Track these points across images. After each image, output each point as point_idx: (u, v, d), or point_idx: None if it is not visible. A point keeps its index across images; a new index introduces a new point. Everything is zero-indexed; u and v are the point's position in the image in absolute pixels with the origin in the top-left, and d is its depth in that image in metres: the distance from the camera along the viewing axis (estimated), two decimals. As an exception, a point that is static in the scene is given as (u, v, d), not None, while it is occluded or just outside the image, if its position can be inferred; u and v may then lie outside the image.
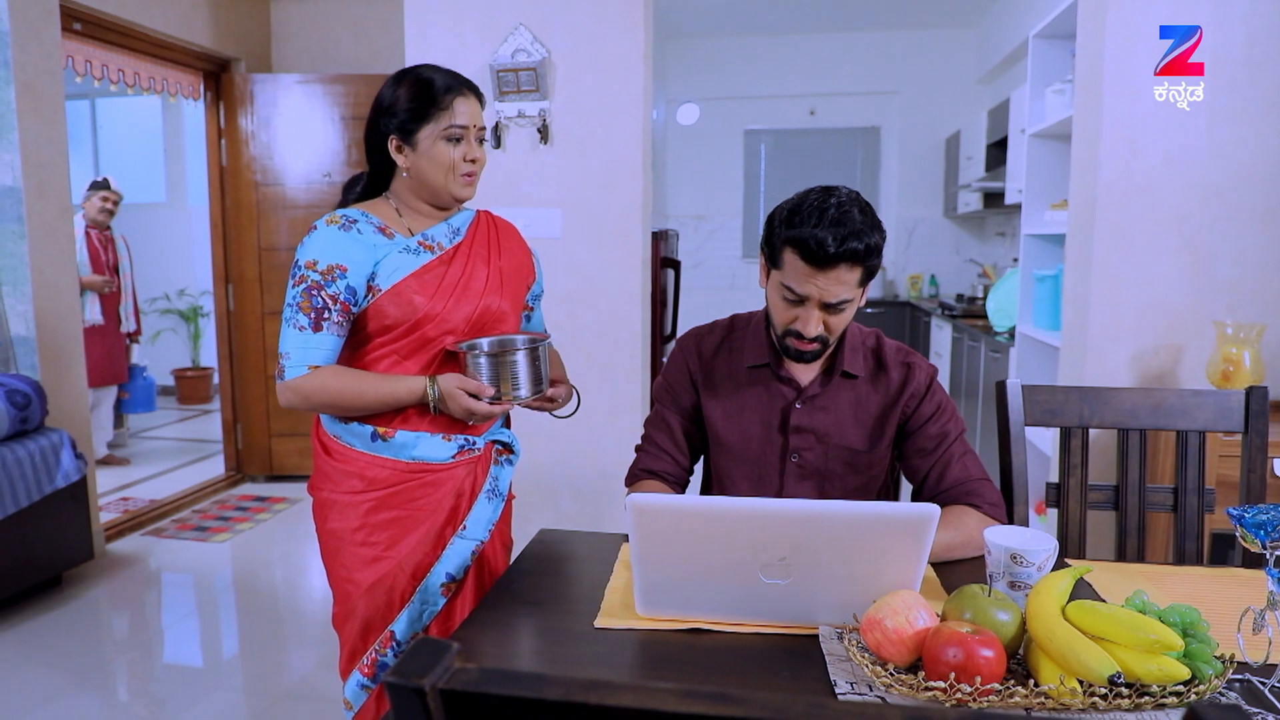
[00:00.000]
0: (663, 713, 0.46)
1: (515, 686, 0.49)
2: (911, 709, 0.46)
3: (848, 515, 0.99)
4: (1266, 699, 0.95)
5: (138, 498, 4.25)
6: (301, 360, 1.45)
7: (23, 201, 3.10)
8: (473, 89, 1.55)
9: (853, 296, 1.37)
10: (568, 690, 0.48)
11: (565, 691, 0.48)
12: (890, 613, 0.98)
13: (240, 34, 4.32)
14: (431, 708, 0.49)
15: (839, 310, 1.37)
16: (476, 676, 0.49)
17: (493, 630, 1.14)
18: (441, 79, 1.51)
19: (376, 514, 1.54)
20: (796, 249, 1.33)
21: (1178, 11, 2.37)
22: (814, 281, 1.33)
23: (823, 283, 1.33)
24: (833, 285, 1.33)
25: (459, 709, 0.49)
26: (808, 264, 1.32)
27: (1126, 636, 0.91)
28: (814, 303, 1.35)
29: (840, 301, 1.35)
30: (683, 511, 1.02)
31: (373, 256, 1.48)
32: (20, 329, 3.18)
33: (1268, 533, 0.97)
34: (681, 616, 1.12)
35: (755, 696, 0.47)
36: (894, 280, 7.13)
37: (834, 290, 1.34)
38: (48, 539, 3.05)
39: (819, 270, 1.32)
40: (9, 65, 3.02)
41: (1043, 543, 1.12)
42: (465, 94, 1.52)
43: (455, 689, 0.49)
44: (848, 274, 1.33)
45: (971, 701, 0.90)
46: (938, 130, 6.78)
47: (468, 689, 0.49)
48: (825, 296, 1.34)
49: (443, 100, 1.49)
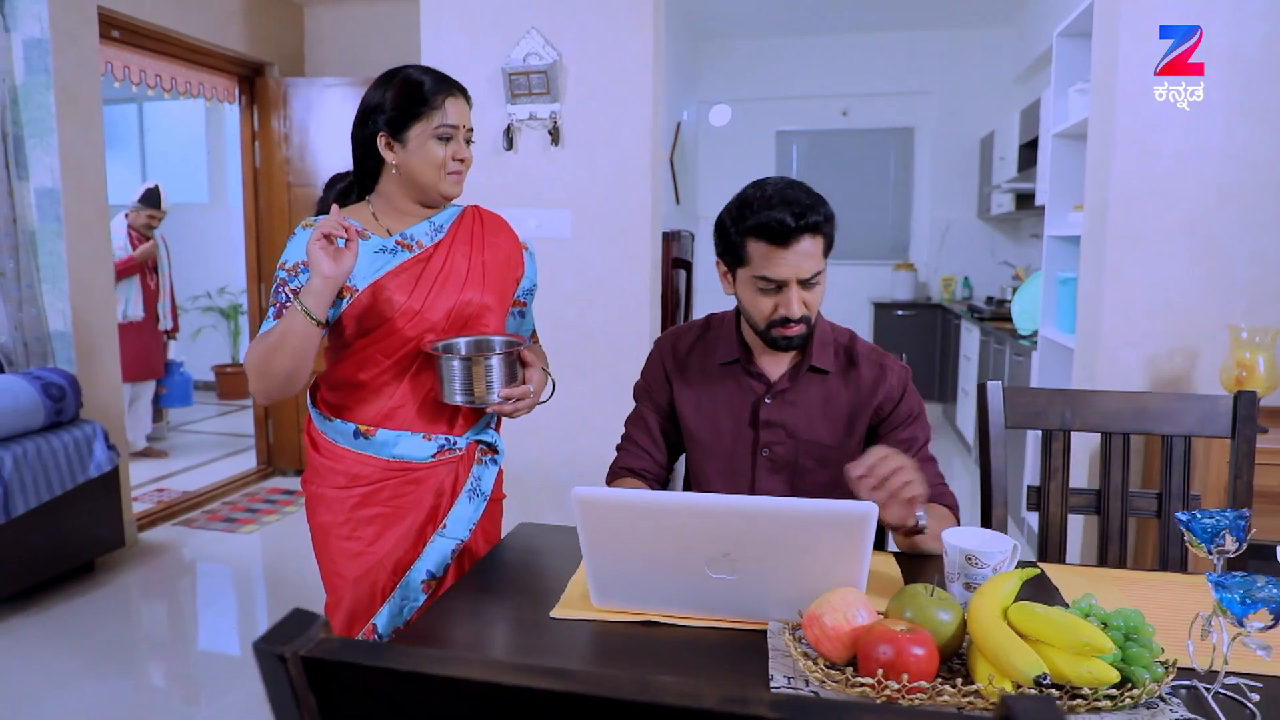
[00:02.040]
0: (500, 685, 0.49)
1: (370, 657, 0.52)
2: (778, 698, 0.48)
3: (786, 512, 1.00)
4: (1208, 706, 0.94)
5: (172, 489, 4.39)
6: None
7: (61, 202, 3.23)
8: (462, 90, 1.58)
9: (821, 268, 1.42)
10: (418, 662, 0.51)
11: (416, 663, 0.51)
12: (830, 610, 0.99)
13: (274, 39, 4.43)
14: (293, 674, 0.52)
15: (814, 285, 1.41)
16: (336, 647, 0.52)
17: (453, 617, 1.18)
18: (431, 79, 1.54)
19: (360, 510, 1.57)
20: (760, 236, 1.37)
21: (1189, 10, 2.32)
22: (785, 261, 1.37)
23: (793, 259, 1.37)
24: (803, 260, 1.38)
25: (318, 676, 0.52)
26: (774, 245, 1.37)
27: (1059, 639, 0.91)
28: (791, 283, 1.38)
29: (814, 275, 1.40)
30: (626, 505, 1.04)
31: None
32: (58, 324, 3.31)
33: (1212, 537, 0.96)
34: (635, 609, 1.14)
35: (592, 674, 0.49)
36: (926, 282, 7.04)
37: (805, 265, 1.38)
38: (80, 526, 3.17)
39: (786, 248, 1.36)
40: (49, 72, 3.15)
41: (999, 544, 1.12)
42: (455, 94, 1.55)
43: (315, 657, 0.52)
44: (812, 245, 1.38)
45: (900, 698, 0.90)
46: (973, 130, 6.68)
47: (326, 657, 0.52)
48: (799, 273, 1.38)
49: (434, 100, 1.52)
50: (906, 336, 6.67)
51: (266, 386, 1.48)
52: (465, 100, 1.58)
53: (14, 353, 3.22)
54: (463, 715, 0.52)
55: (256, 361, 1.45)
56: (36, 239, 3.25)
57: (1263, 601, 0.86)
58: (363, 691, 0.53)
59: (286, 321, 1.43)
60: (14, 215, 3.18)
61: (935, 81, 6.81)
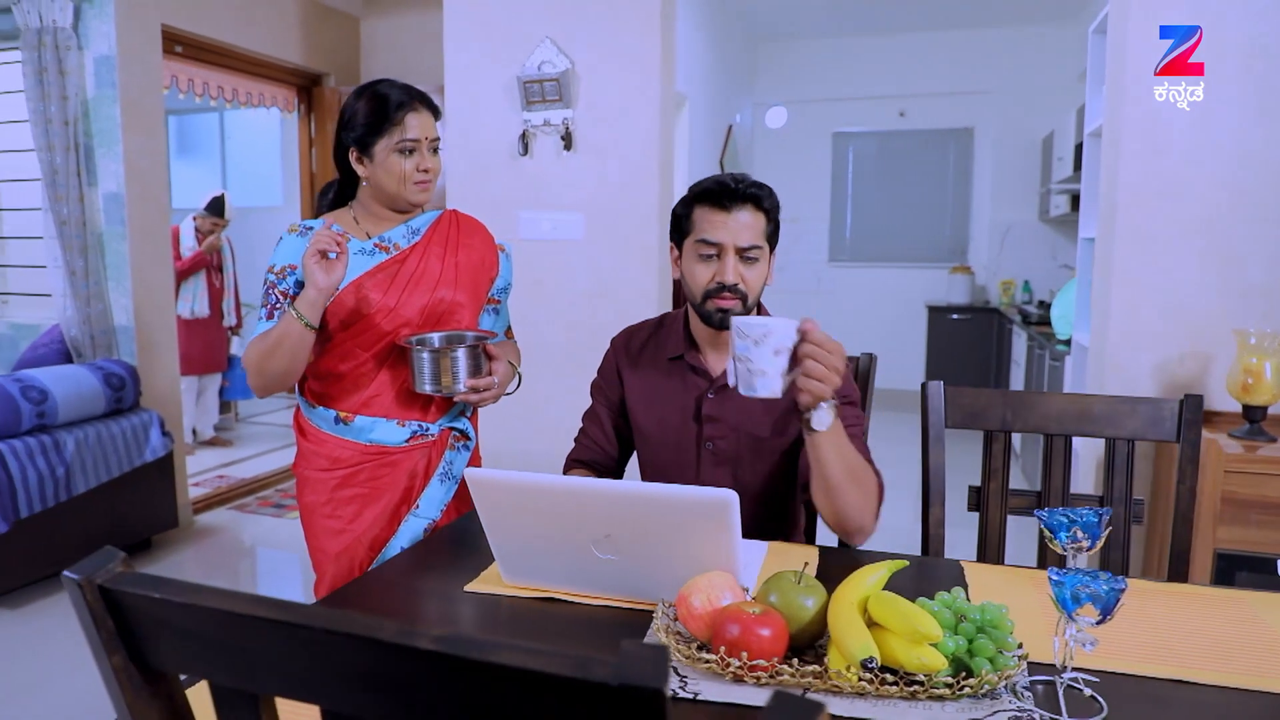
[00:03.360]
0: (236, 613, 0.58)
1: (148, 587, 0.61)
2: (443, 635, 0.55)
3: (650, 497, 1.06)
4: (1059, 700, 0.96)
5: (232, 475, 4.67)
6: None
7: (125, 206, 3.49)
8: (425, 102, 1.68)
9: (762, 245, 1.45)
10: (184, 593, 0.60)
11: (183, 594, 0.60)
12: (697, 591, 1.05)
13: (330, 50, 4.67)
14: (90, 599, 0.62)
15: (751, 261, 1.45)
16: (125, 578, 0.62)
17: (380, 585, 1.28)
18: (396, 94, 1.65)
19: (341, 490, 1.70)
20: (705, 201, 1.45)
21: (1205, 7, 2.26)
22: (725, 225, 1.43)
23: (732, 225, 1.43)
24: (741, 228, 1.43)
25: (112, 602, 0.62)
26: (716, 208, 1.43)
27: (897, 626, 0.94)
28: (729, 248, 1.43)
29: (750, 247, 1.44)
30: (514, 487, 1.11)
31: None
32: (122, 319, 3.58)
33: (1068, 534, 0.97)
34: (540, 586, 1.22)
35: (305, 607, 0.57)
36: (985, 286, 6.89)
37: (743, 233, 1.43)
38: (137, 506, 3.42)
39: (727, 211, 1.43)
40: (115, 86, 3.41)
41: (768, 322, 1.20)
42: (417, 108, 1.65)
43: (107, 586, 0.62)
44: (752, 218, 1.44)
45: (744, 675, 0.95)
46: (1035, 130, 6.50)
47: (114, 586, 0.61)
48: (737, 239, 1.43)
49: (395, 115, 1.63)
50: (960, 341, 6.54)
51: (265, 383, 1.62)
52: (429, 112, 1.67)
53: (82, 344, 3.49)
54: (217, 634, 0.61)
55: (255, 361, 1.59)
56: (104, 240, 3.53)
57: (1089, 597, 0.87)
58: (147, 616, 0.63)
59: (283, 326, 1.56)
60: (84, 218, 3.45)
61: (995, 80, 6.65)
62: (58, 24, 3.33)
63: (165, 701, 0.67)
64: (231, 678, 0.62)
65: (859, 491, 1.32)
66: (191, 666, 0.64)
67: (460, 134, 3.08)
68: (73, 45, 3.36)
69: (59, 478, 3.05)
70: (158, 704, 0.67)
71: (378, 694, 0.56)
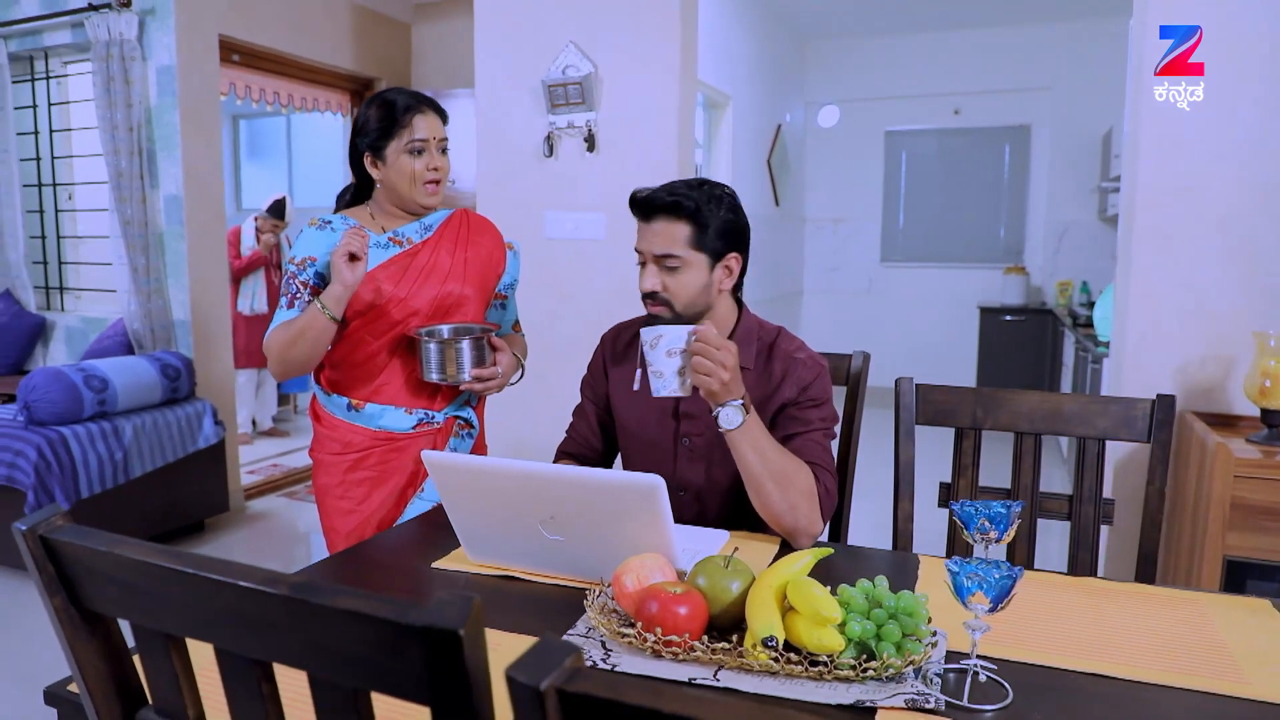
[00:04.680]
0: (147, 562, 0.67)
1: (80, 538, 0.70)
2: (298, 581, 0.63)
3: (583, 480, 1.12)
4: (966, 686, 0.99)
5: (285, 465, 4.89)
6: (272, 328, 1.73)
7: (183, 208, 3.71)
8: (431, 105, 1.77)
9: (683, 254, 1.45)
10: (110, 543, 0.69)
11: (108, 544, 0.69)
12: (629, 571, 1.11)
13: (381, 55, 4.85)
14: (31, 547, 0.72)
15: (671, 269, 1.47)
16: (62, 529, 0.71)
17: (351, 557, 1.38)
18: (403, 99, 1.75)
19: (352, 473, 1.81)
20: (632, 209, 1.50)
21: (1225, 4, 2.21)
22: (643, 235, 1.49)
23: (649, 236, 1.47)
24: (657, 239, 1.46)
25: (50, 551, 0.72)
26: (638, 219, 1.49)
27: (802, 608, 0.99)
28: (648, 256, 1.48)
29: (665, 254, 1.45)
30: (466, 469, 1.19)
31: None
32: (180, 314, 3.80)
33: (975, 525, 1.00)
34: (500, 564, 1.29)
35: (196, 556, 0.65)
36: (1040, 287, 6.73)
37: (657, 242, 1.46)
38: (190, 490, 3.63)
39: (645, 223, 1.48)
40: (175, 94, 3.63)
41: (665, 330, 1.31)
42: (424, 110, 1.75)
43: (44, 535, 0.71)
44: (669, 226, 1.45)
45: (660, 649, 1.01)
46: (1093, 127, 6.32)
47: (52, 536, 0.71)
48: (652, 247, 1.47)
49: (403, 118, 1.73)
50: (1012, 343, 6.41)
51: (285, 369, 1.73)
52: (435, 114, 1.77)
53: (143, 337, 3.72)
54: (132, 580, 0.70)
55: (278, 348, 1.70)
56: (164, 240, 3.75)
57: (978, 584, 0.90)
58: (79, 563, 0.72)
59: (308, 317, 1.67)
60: (145, 219, 3.68)
61: (1053, 76, 6.50)
62: (124, 36, 3.55)
63: (103, 641, 0.77)
64: (146, 619, 0.72)
65: (780, 492, 1.36)
66: (117, 608, 0.74)
67: (489, 136, 3.19)
68: (137, 56, 3.59)
69: (117, 461, 3.27)
70: (95, 642, 0.77)
71: (253, 632, 0.65)
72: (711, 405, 1.35)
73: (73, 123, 4.22)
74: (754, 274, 6.06)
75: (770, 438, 1.38)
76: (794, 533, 1.39)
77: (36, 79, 4.17)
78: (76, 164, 4.24)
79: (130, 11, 3.56)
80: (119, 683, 0.78)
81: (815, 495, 1.39)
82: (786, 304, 7.18)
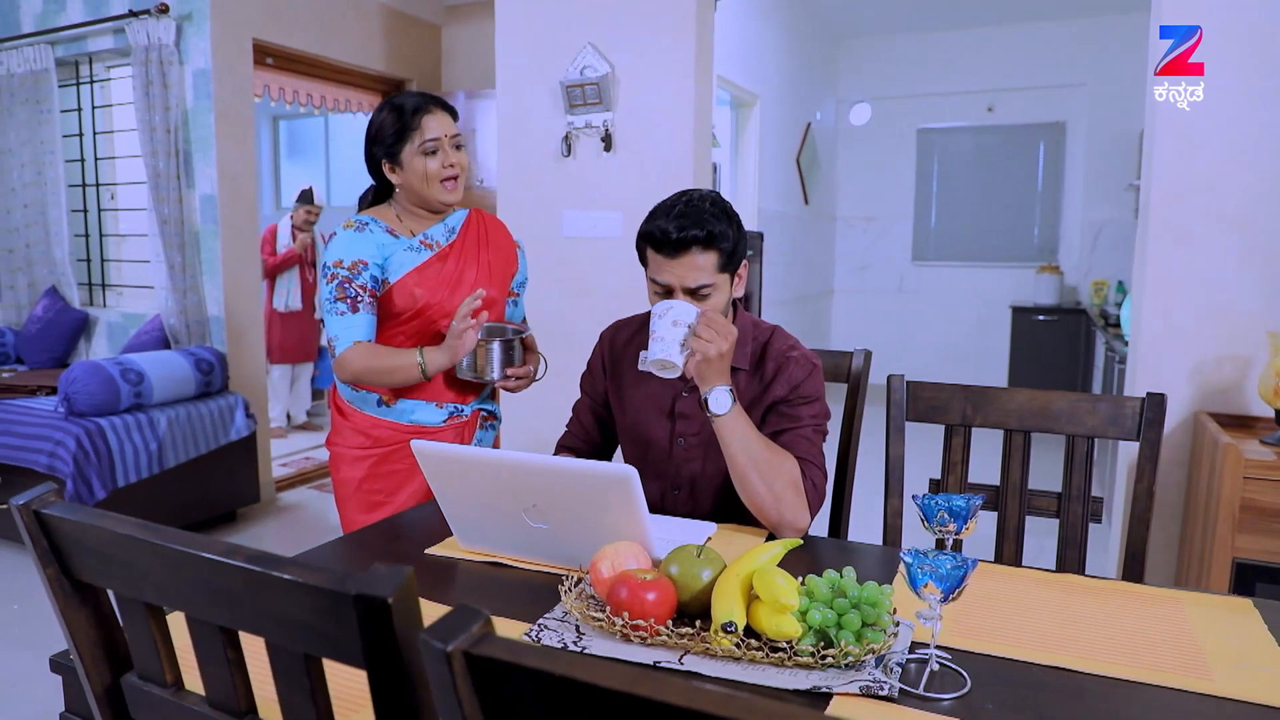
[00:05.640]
0: (127, 535, 0.72)
1: (71, 513, 0.76)
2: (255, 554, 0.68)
3: (559, 470, 1.16)
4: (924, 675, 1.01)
5: (317, 458, 5.01)
6: (349, 337, 1.73)
7: (218, 207, 3.83)
8: (439, 103, 1.81)
9: (713, 281, 1.46)
10: (96, 518, 0.75)
11: (94, 518, 0.75)
12: (605, 558, 1.15)
13: (412, 57, 4.94)
14: (26, 521, 0.78)
15: (703, 296, 1.47)
16: (54, 504, 0.77)
17: (349, 541, 1.43)
18: (411, 101, 1.80)
19: (380, 467, 1.87)
20: (649, 243, 1.47)
21: (1234, 2, 2.18)
22: (670, 269, 1.46)
23: (678, 270, 1.45)
24: (688, 271, 1.44)
25: (43, 526, 0.78)
26: (660, 254, 1.46)
27: (763, 595, 1.02)
28: (677, 289, 1.47)
29: (700, 286, 1.46)
30: (452, 458, 1.24)
31: (382, 252, 1.80)
32: (214, 310, 3.92)
33: (934, 518, 1.02)
34: (489, 551, 1.34)
35: (166, 530, 0.71)
36: (1075, 286, 6.63)
37: (690, 275, 1.44)
38: (222, 481, 3.75)
39: (670, 258, 1.45)
40: (210, 97, 3.75)
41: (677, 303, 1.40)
42: (432, 110, 1.80)
43: (37, 510, 0.77)
44: (700, 259, 1.44)
45: (629, 634, 1.05)
46: (1130, 124, 6.20)
47: (44, 510, 0.77)
48: (683, 282, 1.45)
49: (413, 120, 1.78)
50: (1045, 342, 6.32)
51: (354, 382, 1.82)
52: (444, 111, 1.81)
53: (179, 332, 3.85)
54: (112, 552, 0.75)
55: (362, 370, 1.74)
56: (199, 238, 3.88)
57: (929, 575, 0.93)
58: (68, 537, 0.78)
59: (404, 362, 1.73)
60: (182, 218, 3.81)
61: (1089, 73, 6.39)
62: (162, 41, 3.68)
63: (92, 610, 0.83)
64: (127, 589, 0.77)
65: (765, 483, 1.38)
66: (102, 578, 0.80)
67: (510, 136, 3.25)
68: (174, 60, 3.71)
69: (152, 452, 3.39)
70: (85, 611, 0.83)
71: (217, 601, 0.70)
72: (701, 389, 1.37)
73: (115, 125, 4.37)
74: (782, 273, 6.07)
75: (756, 430, 1.40)
76: (779, 525, 1.41)
77: (81, 83, 4.33)
78: (118, 165, 4.39)
79: (168, 17, 3.69)
80: (108, 649, 0.84)
81: (801, 488, 1.41)
82: (816, 303, 7.16)
